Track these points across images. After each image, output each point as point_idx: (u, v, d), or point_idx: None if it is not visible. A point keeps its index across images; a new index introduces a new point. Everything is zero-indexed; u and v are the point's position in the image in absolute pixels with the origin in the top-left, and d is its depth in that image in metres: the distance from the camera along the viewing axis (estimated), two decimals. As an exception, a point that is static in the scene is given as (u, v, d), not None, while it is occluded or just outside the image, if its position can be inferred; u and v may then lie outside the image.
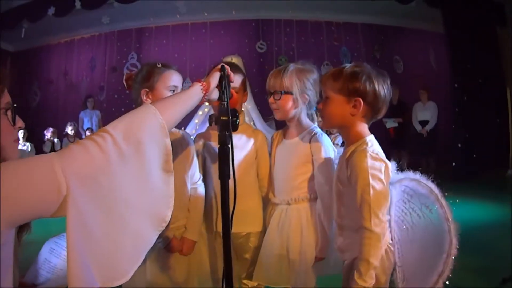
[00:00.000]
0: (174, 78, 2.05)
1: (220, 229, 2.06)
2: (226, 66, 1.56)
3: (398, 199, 1.76)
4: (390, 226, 1.76)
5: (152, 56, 10.00)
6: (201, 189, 2.19)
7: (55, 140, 9.16)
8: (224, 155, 1.47)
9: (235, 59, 7.84)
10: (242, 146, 2.22)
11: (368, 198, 1.62)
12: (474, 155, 8.18)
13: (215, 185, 2.21)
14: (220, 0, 8.76)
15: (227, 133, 1.47)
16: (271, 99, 2.13)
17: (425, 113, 8.54)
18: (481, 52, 8.25)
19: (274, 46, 10.07)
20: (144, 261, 2.11)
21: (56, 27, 9.85)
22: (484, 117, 8.44)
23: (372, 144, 1.72)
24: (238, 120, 1.53)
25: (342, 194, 1.80)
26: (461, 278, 3.23)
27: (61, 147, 8.75)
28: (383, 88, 1.73)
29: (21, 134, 8.79)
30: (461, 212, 5.12)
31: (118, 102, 10.11)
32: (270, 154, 2.26)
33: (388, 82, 1.76)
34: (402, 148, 8.66)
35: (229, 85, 1.57)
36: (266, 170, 2.24)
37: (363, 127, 1.78)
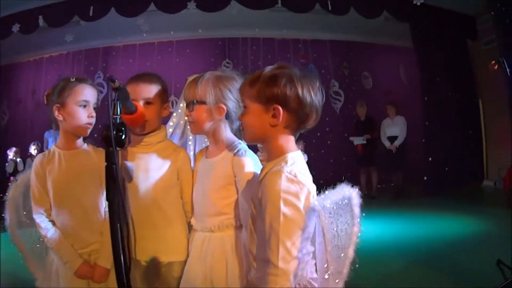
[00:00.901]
0: (85, 93, 1.98)
1: (138, 256, 1.94)
2: (114, 77, 1.43)
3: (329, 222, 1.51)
4: (315, 258, 1.54)
5: (118, 75, 9.74)
6: None
7: (18, 160, 8.93)
8: (109, 174, 1.31)
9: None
10: (158, 166, 1.98)
11: (277, 227, 1.36)
12: (446, 168, 8.16)
13: (132, 208, 1.98)
14: (186, 16, 8.69)
15: (111, 149, 1.33)
16: (186, 112, 1.91)
17: (393, 128, 8.45)
18: (452, 65, 8.32)
19: (240, 65, 9.88)
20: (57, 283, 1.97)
21: (25, 45, 9.67)
22: (456, 129, 8.44)
23: (294, 163, 1.47)
24: (124, 136, 1.37)
25: (254, 218, 1.56)
26: None
27: (24, 168, 8.59)
28: (309, 92, 1.48)
29: None
30: (434, 227, 5.14)
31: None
32: None
33: (317, 84, 1.52)
34: (371, 164, 8.63)
35: (122, 98, 1.47)
36: (190, 193, 1.99)
37: (287, 141, 1.53)
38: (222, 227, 1.85)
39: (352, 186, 1.48)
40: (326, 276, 1.48)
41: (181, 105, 6.86)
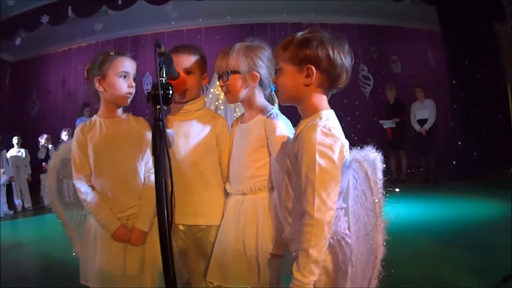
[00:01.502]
0: (125, 64, 2.07)
1: (178, 220, 2.01)
2: (160, 43, 1.52)
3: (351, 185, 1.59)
4: (347, 216, 1.59)
5: (148, 64, 9.99)
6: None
7: (50, 146, 9.21)
8: (156, 129, 1.38)
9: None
10: (198, 132, 2.06)
11: (313, 178, 1.42)
12: (475, 153, 8.04)
13: (174, 175, 2.08)
14: (214, 3, 8.73)
15: (158, 107, 1.39)
16: (220, 82, 1.98)
17: (422, 111, 8.36)
18: (479, 48, 8.15)
19: (268, 50, 9.86)
20: (93, 248, 2.05)
21: (53, 36, 9.94)
22: (484, 113, 8.27)
23: (327, 119, 1.53)
24: (170, 94, 1.44)
25: (290, 173, 1.61)
26: (461, 277, 3.25)
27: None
28: (339, 53, 1.54)
29: (15, 140, 9.07)
30: (462, 211, 5.12)
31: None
32: None
33: (346, 47, 1.59)
34: (401, 148, 8.56)
35: (167, 63, 1.54)
36: (227, 159, 2.07)
37: (320, 99, 1.59)
38: (255, 189, 1.92)
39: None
40: (358, 234, 1.54)
41: (212, 90, 6.94)
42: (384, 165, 1.50)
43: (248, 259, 1.88)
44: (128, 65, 2.07)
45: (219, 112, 6.07)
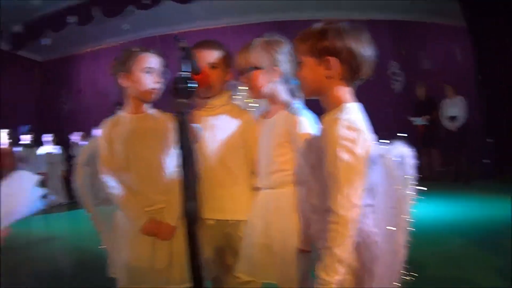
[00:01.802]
0: (150, 60, 2.09)
1: (206, 215, 2.00)
2: (179, 37, 1.55)
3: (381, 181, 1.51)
4: (375, 212, 1.50)
5: (175, 62, 10.01)
6: None
7: (81, 143, 9.42)
8: (178, 123, 1.38)
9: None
10: (225, 127, 2.07)
11: (337, 174, 1.38)
12: (506, 151, 7.83)
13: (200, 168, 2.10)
14: (237, 2, 8.74)
15: (181, 100, 1.39)
16: (242, 79, 2.00)
17: (453, 109, 8.19)
18: (506, 44, 7.93)
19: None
20: (121, 241, 2.07)
21: (82, 36, 10.11)
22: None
23: (350, 112, 1.47)
24: (192, 87, 1.43)
25: (315, 168, 1.57)
26: (491, 279, 3.17)
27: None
28: (357, 43, 1.49)
29: (50, 138, 9.39)
30: (493, 210, 4.98)
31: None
32: None
33: (366, 37, 1.53)
34: (432, 145, 8.41)
35: (188, 58, 1.54)
36: (254, 153, 2.06)
37: (343, 92, 1.53)
38: (280, 184, 1.91)
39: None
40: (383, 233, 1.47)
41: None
42: (415, 162, 1.45)
43: (275, 254, 1.86)
44: (153, 61, 2.08)
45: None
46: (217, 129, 2.07)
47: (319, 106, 1.66)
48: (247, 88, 2.00)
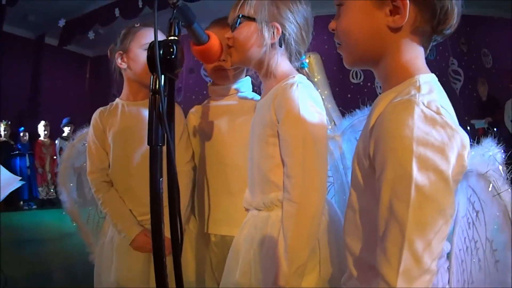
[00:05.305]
0: (151, 36, 1.65)
1: (211, 230, 1.61)
2: None
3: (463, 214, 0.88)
4: (449, 261, 0.91)
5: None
6: (185, 176, 1.66)
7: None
8: (152, 108, 0.94)
9: (313, 56, 7.41)
10: (240, 121, 1.64)
11: (402, 212, 0.73)
12: None
13: (208, 174, 1.66)
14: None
15: (154, 74, 0.94)
16: (227, 34, 1.37)
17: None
18: None
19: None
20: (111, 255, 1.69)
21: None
22: None
23: (431, 90, 0.82)
24: (173, 55, 0.98)
25: (359, 187, 0.91)
26: None
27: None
28: None
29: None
30: None
31: (195, 103, 9.96)
32: None
33: None
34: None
35: (185, 19, 1.14)
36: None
37: (416, 55, 0.89)
38: (269, 204, 1.30)
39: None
40: None
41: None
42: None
43: None
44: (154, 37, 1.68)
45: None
46: (230, 124, 1.67)
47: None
48: (229, 46, 1.38)
